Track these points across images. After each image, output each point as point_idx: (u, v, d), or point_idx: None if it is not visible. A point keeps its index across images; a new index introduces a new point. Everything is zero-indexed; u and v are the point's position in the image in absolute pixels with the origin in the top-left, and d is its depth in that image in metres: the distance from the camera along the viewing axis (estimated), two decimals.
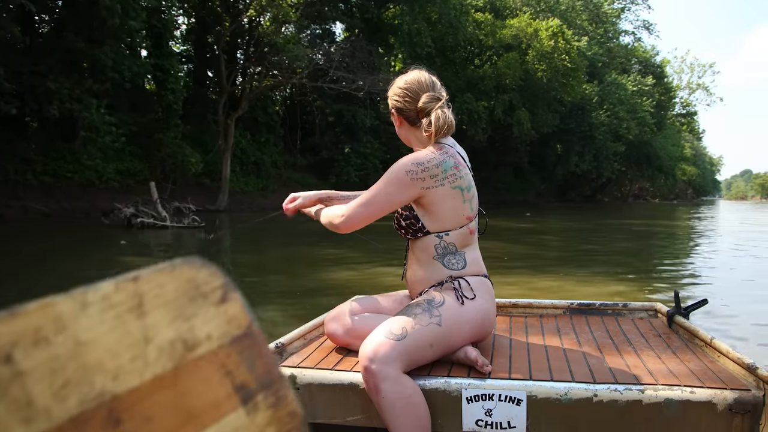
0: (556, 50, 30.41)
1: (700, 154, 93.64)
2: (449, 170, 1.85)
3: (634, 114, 40.21)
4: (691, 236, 15.46)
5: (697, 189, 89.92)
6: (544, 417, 1.65)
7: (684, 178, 74.10)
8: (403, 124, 2.00)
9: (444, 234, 1.90)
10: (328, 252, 9.36)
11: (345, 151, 27.03)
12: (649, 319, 2.54)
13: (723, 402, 1.58)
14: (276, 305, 5.19)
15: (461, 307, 1.81)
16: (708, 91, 69.75)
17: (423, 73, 1.98)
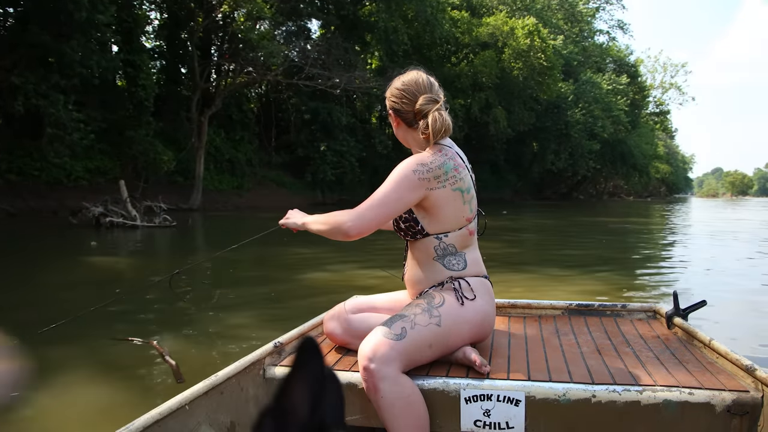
0: (532, 49, 30.51)
1: (673, 153, 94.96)
2: (450, 172, 1.84)
3: (609, 112, 40.59)
4: (671, 233, 15.53)
5: (671, 187, 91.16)
6: (543, 417, 1.65)
7: (657, 176, 75.10)
8: (401, 125, 1.98)
9: (443, 235, 1.89)
10: (300, 252, 9.16)
11: (321, 149, 26.76)
12: (647, 320, 2.54)
13: (721, 403, 1.58)
14: (249, 309, 4.99)
15: (461, 308, 1.80)
16: (680, 90, 70.74)
17: (421, 74, 1.96)
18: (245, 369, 1.78)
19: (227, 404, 1.69)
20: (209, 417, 1.60)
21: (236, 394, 1.74)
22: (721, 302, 5.38)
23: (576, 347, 2.08)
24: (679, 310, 2.31)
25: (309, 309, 4.64)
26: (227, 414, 1.68)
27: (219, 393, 1.65)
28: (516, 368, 1.82)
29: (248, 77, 24.09)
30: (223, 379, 1.67)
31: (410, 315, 1.76)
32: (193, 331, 4.18)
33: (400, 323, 1.72)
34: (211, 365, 3.08)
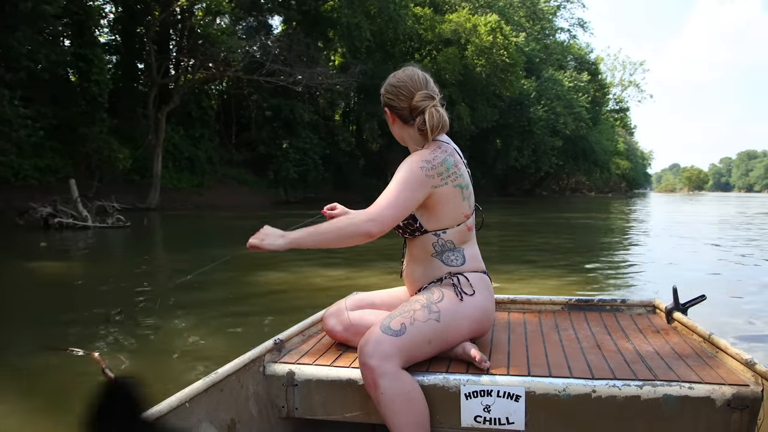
0: (494, 45, 30.61)
1: (633, 149, 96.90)
2: (451, 168, 1.84)
3: (571, 109, 41.05)
4: (637, 230, 15.64)
5: (630, 182, 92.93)
6: (543, 413, 1.64)
7: (618, 171, 76.43)
8: (396, 121, 1.96)
9: (441, 232, 1.88)
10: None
11: (283, 146, 26.33)
12: (647, 314, 2.53)
13: (721, 397, 1.57)
14: (205, 314, 4.69)
15: (460, 303, 1.81)
16: (639, 88, 72.33)
17: (416, 71, 1.94)
18: (245, 366, 1.76)
19: (227, 401, 1.67)
20: (209, 414, 1.59)
21: (236, 392, 1.72)
22: (719, 296, 5.37)
23: (576, 342, 2.07)
24: (678, 305, 2.32)
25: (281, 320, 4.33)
26: (227, 411, 1.67)
27: (219, 390, 1.64)
28: (516, 364, 1.82)
29: (207, 73, 23.51)
30: (223, 376, 1.66)
31: (409, 311, 1.75)
32: (148, 345, 3.88)
33: (399, 319, 1.72)
34: (161, 382, 2.86)
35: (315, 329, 2.24)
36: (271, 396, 1.83)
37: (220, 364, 1.70)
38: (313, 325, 2.24)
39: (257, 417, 1.77)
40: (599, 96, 52.16)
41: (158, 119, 21.37)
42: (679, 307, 2.32)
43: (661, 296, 2.61)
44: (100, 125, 18.37)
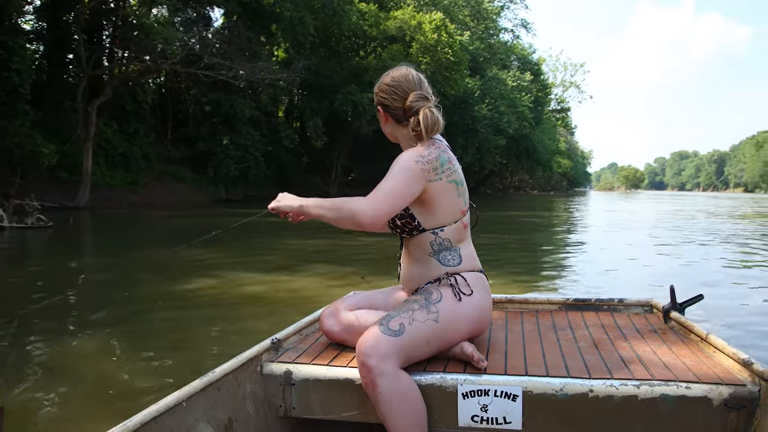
0: (439, 43, 30.53)
1: (574, 148, 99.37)
2: (445, 164, 1.85)
3: (514, 108, 41.52)
4: (587, 225, 15.70)
5: (571, 181, 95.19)
6: (540, 412, 1.65)
7: (559, 170, 78.10)
8: (389, 121, 1.97)
9: (439, 230, 1.88)
10: (193, 254, 8.31)
11: (223, 142, 25.42)
12: (644, 314, 2.54)
13: (718, 397, 1.58)
14: (119, 323, 4.18)
15: (458, 303, 1.81)
16: (579, 89, 73.97)
17: (410, 71, 1.95)
18: (242, 365, 1.76)
19: (224, 401, 1.67)
20: (207, 414, 1.58)
21: (233, 391, 1.71)
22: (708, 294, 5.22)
23: (573, 342, 2.08)
24: (675, 304, 2.32)
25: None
26: (225, 411, 1.66)
27: (216, 390, 1.63)
28: (513, 363, 1.81)
29: (142, 66, 22.44)
30: (220, 375, 1.65)
31: (408, 311, 1.75)
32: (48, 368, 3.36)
33: (398, 319, 1.72)
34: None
35: (312, 328, 2.23)
36: (268, 395, 1.82)
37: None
38: (310, 324, 2.24)
39: (255, 416, 1.77)
40: (541, 96, 53.07)
41: (88, 113, 20.21)
42: (676, 306, 2.32)
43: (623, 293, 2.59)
44: (22, 118, 17.13)
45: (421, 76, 1.96)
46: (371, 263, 7.57)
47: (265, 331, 2.26)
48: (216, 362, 1.75)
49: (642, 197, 63.76)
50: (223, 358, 1.79)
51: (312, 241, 9.89)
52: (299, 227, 10.83)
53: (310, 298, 5.10)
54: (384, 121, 1.99)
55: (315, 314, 2.28)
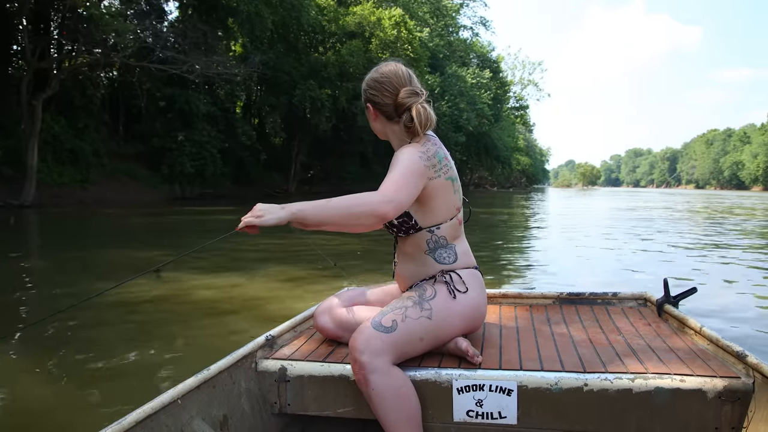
0: (399, 40, 30.41)
1: (532, 146, 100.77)
2: (442, 161, 1.83)
3: (474, 106, 41.72)
4: (548, 222, 15.73)
5: (530, 177, 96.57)
6: (535, 407, 1.65)
7: (518, 167, 79.09)
8: (379, 117, 1.93)
9: (435, 228, 1.86)
10: (140, 256, 7.93)
11: (178, 139, 24.75)
12: (638, 308, 2.54)
13: (713, 390, 1.58)
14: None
15: (453, 301, 1.80)
16: (537, 87, 75.14)
17: (400, 66, 1.91)
18: (237, 362, 1.75)
19: (219, 398, 1.67)
20: (202, 411, 1.58)
21: (228, 388, 1.71)
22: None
23: (567, 336, 2.08)
24: (669, 298, 2.32)
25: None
26: (220, 408, 1.66)
27: (211, 387, 1.64)
28: (508, 358, 1.81)
29: (91, 58, 21.62)
30: (215, 372, 1.65)
31: (401, 308, 1.74)
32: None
33: (391, 315, 1.71)
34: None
35: (307, 325, 2.23)
36: (263, 392, 1.81)
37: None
38: (304, 321, 2.23)
39: (250, 413, 1.76)
40: (500, 93, 53.51)
41: (33, 106, 19.34)
42: (670, 299, 2.32)
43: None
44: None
45: (411, 72, 1.92)
46: (331, 259, 7.33)
47: (210, 349, 2.03)
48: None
49: (599, 194, 64.94)
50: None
51: (269, 240, 9.58)
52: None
53: (268, 302, 4.85)
54: (374, 117, 1.94)
55: (309, 311, 2.27)
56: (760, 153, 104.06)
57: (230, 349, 1.80)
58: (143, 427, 1.36)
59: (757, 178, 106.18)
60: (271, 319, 4.14)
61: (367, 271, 6.59)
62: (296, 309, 4.37)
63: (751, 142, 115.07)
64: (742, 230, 13.84)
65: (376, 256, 7.86)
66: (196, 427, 1.53)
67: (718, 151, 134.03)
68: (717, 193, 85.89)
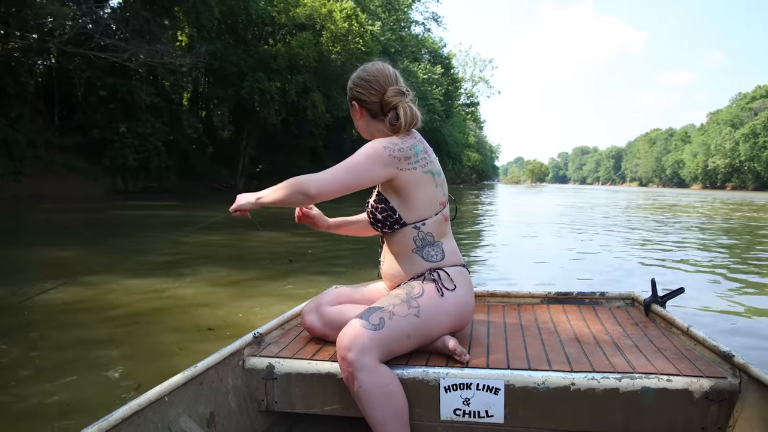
0: (350, 33, 30.06)
1: (482, 142, 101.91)
2: (420, 154, 1.85)
3: (425, 101, 41.70)
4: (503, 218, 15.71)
5: (480, 174, 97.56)
6: (522, 406, 1.65)
7: (469, 163, 79.81)
8: (364, 115, 1.95)
9: (421, 224, 1.87)
10: (54, 256, 7.45)
11: (120, 130, 23.77)
12: (626, 307, 2.55)
13: (699, 390, 1.59)
14: None
15: (441, 299, 1.81)
16: (488, 84, 75.83)
17: (387, 66, 1.95)
18: (224, 360, 1.75)
19: (207, 395, 1.66)
20: (189, 408, 1.58)
21: (216, 385, 1.71)
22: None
23: (555, 335, 2.08)
24: (657, 298, 2.33)
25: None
26: (207, 405, 1.66)
27: (198, 384, 1.64)
28: (495, 357, 1.82)
29: (23, 43, 20.51)
30: (203, 370, 1.65)
31: (389, 306, 1.74)
32: None
33: (378, 313, 1.71)
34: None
35: (294, 322, 2.22)
36: (250, 389, 1.81)
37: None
38: (292, 318, 2.23)
39: (237, 410, 1.75)
40: (452, 90, 53.78)
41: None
42: (657, 299, 2.33)
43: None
44: None
45: (397, 72, 1.95)
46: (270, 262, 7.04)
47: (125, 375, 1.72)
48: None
49: (548, 190, 66.13)
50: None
51: (208, 237, 9.18)
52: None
53: (198, 309, 4.47)
54: (359, 116, 1.96)
55: (297, 308, 2.26)
56: (700, 152, 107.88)
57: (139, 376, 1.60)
58: (130, 424, 1.36)
59: (697, 176, 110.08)
60: (198, 329, 3.83)
61: (353, 267, 6.34)
62: (235, 320, 4.06)
63: (691, 142, 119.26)
64: (699, 228, 14.16)
65: (362, 257, 7.62)
66: (183, 424, 1.53)
67: (660, 150, 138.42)
68: (659, 190, 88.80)
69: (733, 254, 8.57)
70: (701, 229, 13.28)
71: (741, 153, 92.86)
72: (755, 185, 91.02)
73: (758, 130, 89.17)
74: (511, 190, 61.35)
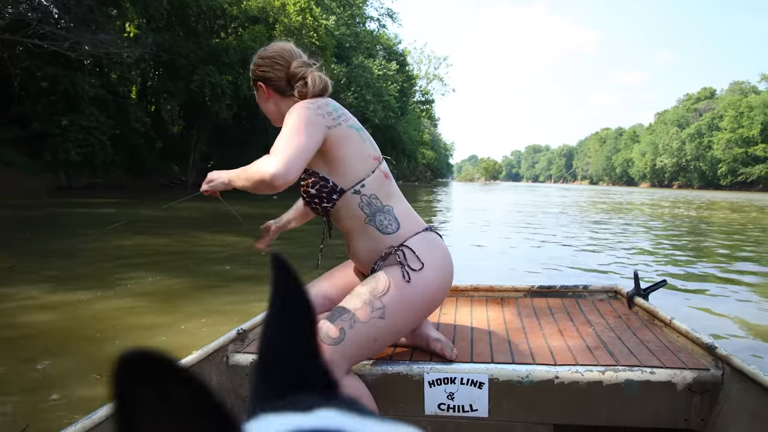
0: (304, 26, 29.56)
1: (437, 140, 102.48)
2: (338, 110, 1.74)
3: (380, 98, 41.47)
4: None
5: (435, 171, 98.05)
6: (506, 399, 1.65)
7: (423, 161, 79.98)
8: (272, 95, 1.84)
9: (360, 186, 1.71)
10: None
11: (62, 123, 22.72)
12: (609, 300, 2.54)
13: (682, 382, 1.60)
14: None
15: (407, 287, 1.64)
16: (443, 81, 76.05)
17: (289, 44, 1.89)
18: (208, 357, 1.73)
19: None
20: None
21: None
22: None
23: (538, 329, 2.08)
24: (639, 290, 2.33)
25: None
26: None
27: None
28: (479, 351, 1.82)
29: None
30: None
31: (350, 311, 1.63)
32: None
33: (339, 323, 1.60)
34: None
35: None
36: (234, 386, 1.78)
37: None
38: (257, 327, 2.14)
39: None
40: (407, 87, 53.71)
41: None
42: (640, 292, 2.32)
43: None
44: None
45: (301, 51, 1.88)
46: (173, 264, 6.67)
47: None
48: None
49: (501, 188, 66.85)
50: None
51: (151, 240, 8.71)
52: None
53: (138, 328, 4.10)
54: (266, 96, 1.83)
55: (262, 315, 2.11)
56: (648, 151, 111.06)
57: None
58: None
59: (645, 175, 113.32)
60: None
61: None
62: (166, 340, 3.69)
63: (639, 141, 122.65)
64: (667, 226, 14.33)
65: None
66: None
67: (610, 149, 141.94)
68: (609, 188, 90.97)
69: (711, 249, 8.61)
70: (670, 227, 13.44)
71: (687, 152, 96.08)
72: (700, 184, 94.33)
73: (703, 130, 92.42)
74: (466, 188, 61.77)
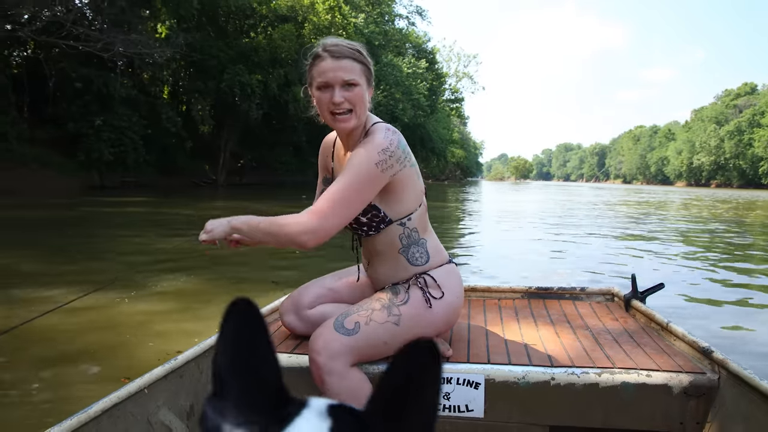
0: (333, 25, 29.58)
1: (466, 138, 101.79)
2: (405, 149, 1.72)
3: (410, 96, 41.27)
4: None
5: (465, 170, 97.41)
6: (502, 400, 1.65)
7: (453, 160, 79.54)
8: (370, 86, 1.78)
9: (407, 219, 1.76)
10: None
11: (96, 123, 23.05)
12: (606, 303, 2.53)
13: (678, 385, 1.59)
14: None
15: (426, 309, 1.71)
16: (472, 79, 75.55)
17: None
18: (205, 352, 1.74)
19: (187, 387, 1.66)
20: (169, 400, 1.58)
21: (196, 377, 1.70)
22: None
23: (535, 330, 2.08)
24: (637, 293, 2.32)
25: None
26: (187, 397, 1.65)
27: (178, 377, 1.63)
28: (476, 351, 1.82)
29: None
30: (183, 362, 1.64)
31: (368, 310, 1.68)
32: None
33: (355, 317, 1.65)
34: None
35: (275, 316, 2.15)
36: None
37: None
38: (271, 313, 2.19)
39: None
40: (436, 85, 53.37)
41: None
42: (637, 295, 2.32)
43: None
44: None
45: None
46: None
47: None
48: None
49: (532, 187, 66.11)
50: None
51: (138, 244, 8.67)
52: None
53: (166, 334, 4.00)
54: (367, 87, 1.74)
55: (276, 302, 2.22)
56: (684, 150, 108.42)
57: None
58: (110, 416, 1.35)
59: (681, 173, 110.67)
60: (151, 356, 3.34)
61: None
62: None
63: (675, 139, 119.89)
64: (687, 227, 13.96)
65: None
66: (162, 416, 1.53)
67: (644, 147, 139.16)
68: (644, 188, 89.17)
69: (714, 251, 8.27)
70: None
71: (726, 150, 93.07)
72: (740, 183, 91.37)
73: (743, 127, 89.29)
74: (496, 187, 61.23)
